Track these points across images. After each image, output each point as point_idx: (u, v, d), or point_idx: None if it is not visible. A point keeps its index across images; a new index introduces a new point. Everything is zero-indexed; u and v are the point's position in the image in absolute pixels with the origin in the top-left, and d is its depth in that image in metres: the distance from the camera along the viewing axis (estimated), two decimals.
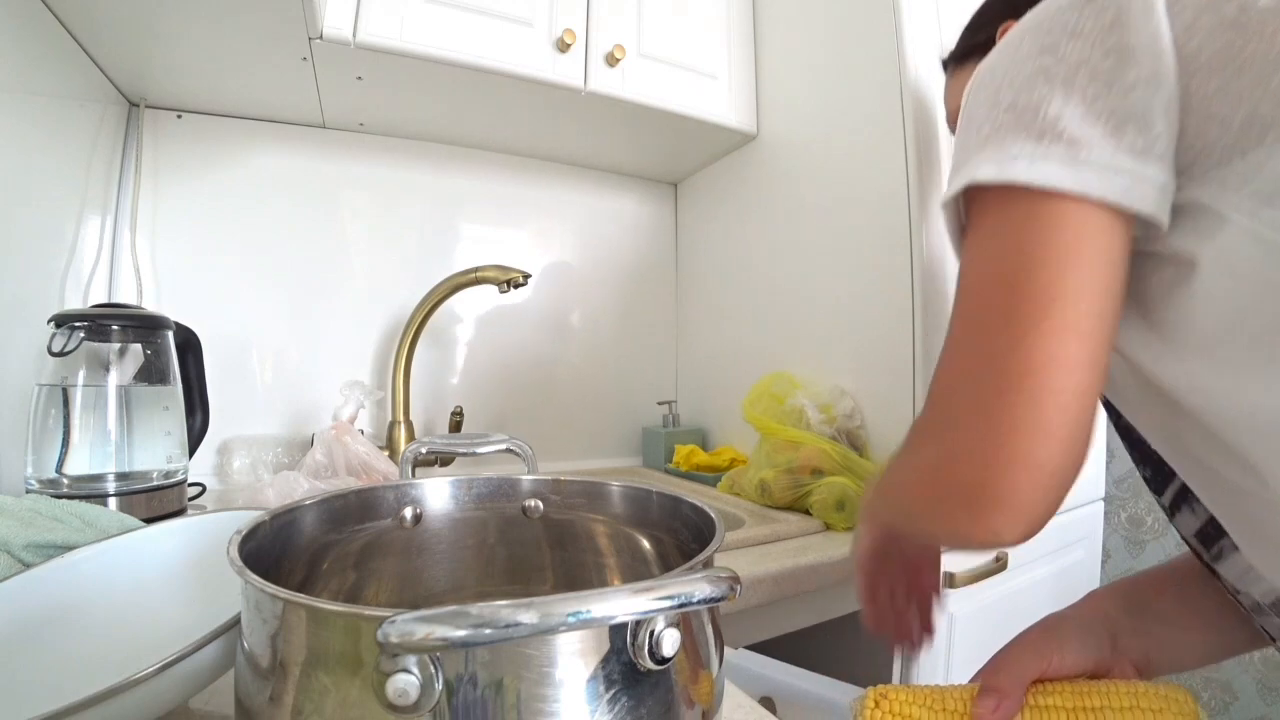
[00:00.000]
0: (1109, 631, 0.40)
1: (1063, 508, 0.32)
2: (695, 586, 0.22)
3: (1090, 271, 0.30)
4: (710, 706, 0.29)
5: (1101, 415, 0.36)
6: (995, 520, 0.30)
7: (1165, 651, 0.40)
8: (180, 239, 0.95)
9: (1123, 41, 0.31)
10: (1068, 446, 0.29)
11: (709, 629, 0.29)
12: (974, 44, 0.66)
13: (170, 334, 0.75)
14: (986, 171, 0.32)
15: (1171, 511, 0.40)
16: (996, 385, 0.30)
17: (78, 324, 0.66)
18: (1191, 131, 0.30)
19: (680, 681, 0.26)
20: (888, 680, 0.77)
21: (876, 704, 0.37)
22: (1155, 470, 0.41)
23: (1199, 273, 0.31)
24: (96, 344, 0.69)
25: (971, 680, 0.39)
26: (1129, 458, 0.45)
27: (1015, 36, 0.35)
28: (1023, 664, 0.37)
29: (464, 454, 0.50)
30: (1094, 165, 0.30)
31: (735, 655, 0.47)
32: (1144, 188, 0.30)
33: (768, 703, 0.46)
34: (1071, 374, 0.29)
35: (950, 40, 0.73)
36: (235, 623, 0.29)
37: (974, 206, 0.34)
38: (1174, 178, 0.31)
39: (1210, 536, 0.37)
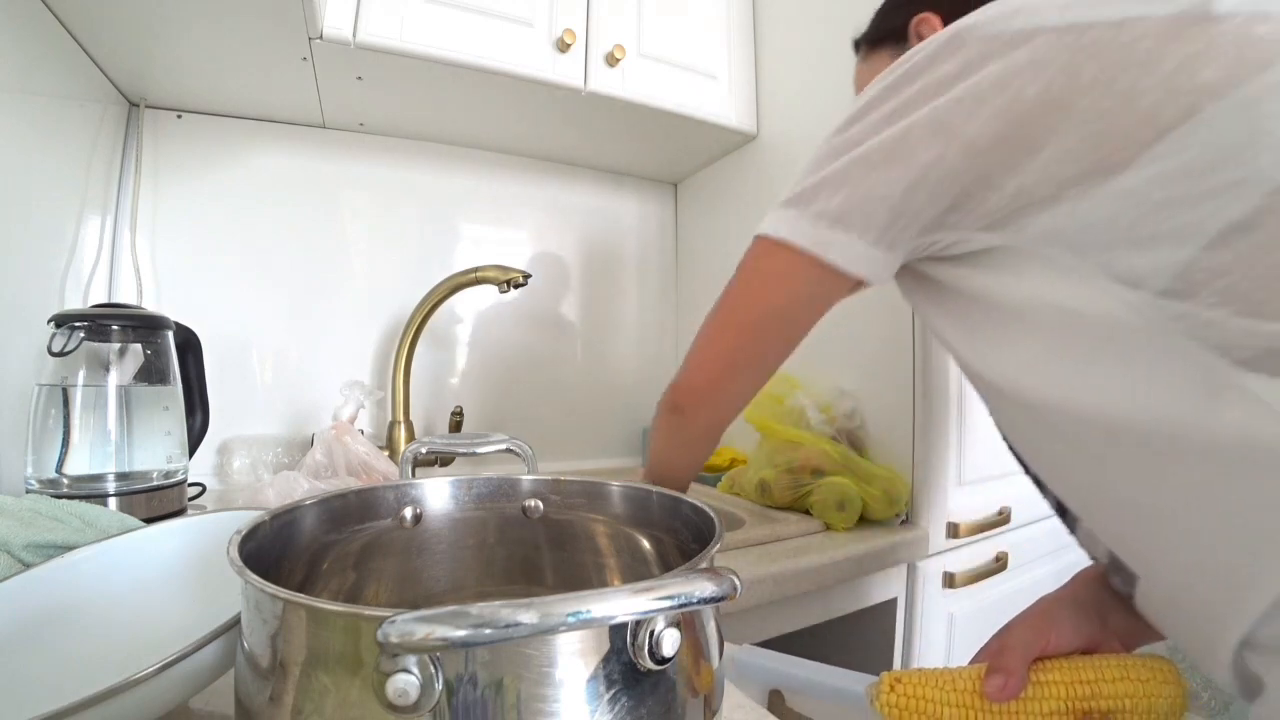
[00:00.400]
0: (1099, 611, 0.42)
1: None
2: (695, 586, 0.22)
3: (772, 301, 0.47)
4: (711, 706, 0.29)
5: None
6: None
7: (1150, 626, 0.42)
8: (180, 239, 0.95)
9: (895, 134, 0.39)
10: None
11: (709, 629, 0.29)
12: (888, 28, 0.65)
13: (170, 334, 0.75)
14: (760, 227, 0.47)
15: (1041, 491, 0.46)
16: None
17: (78, 324, 0.66)
18: (977, 196, 0.38)
19: (680, 681, 0.26)
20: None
21: (892, 687, 0.39)
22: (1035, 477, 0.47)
23: (1005, 296, 0.39)
24: (96, 344, 0.69)
25: (973, 661, 0.41)
26: None
27: (858, 99, 0.44)
28: (1025, 644, 0.40)
29: (464, 454, 0.50)
30: (801, 229, 0.43)
31: (741, 651, 0.47)
32: (844, 251, 0.42)
33: (777, 695, 0.46)
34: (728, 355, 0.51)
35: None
36: (235, 623, 0.29)
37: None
38: (891, 251, 0.41)
39: (1063, 510, 0.44)
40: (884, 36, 0.65)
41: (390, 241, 1.11)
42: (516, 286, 0.96)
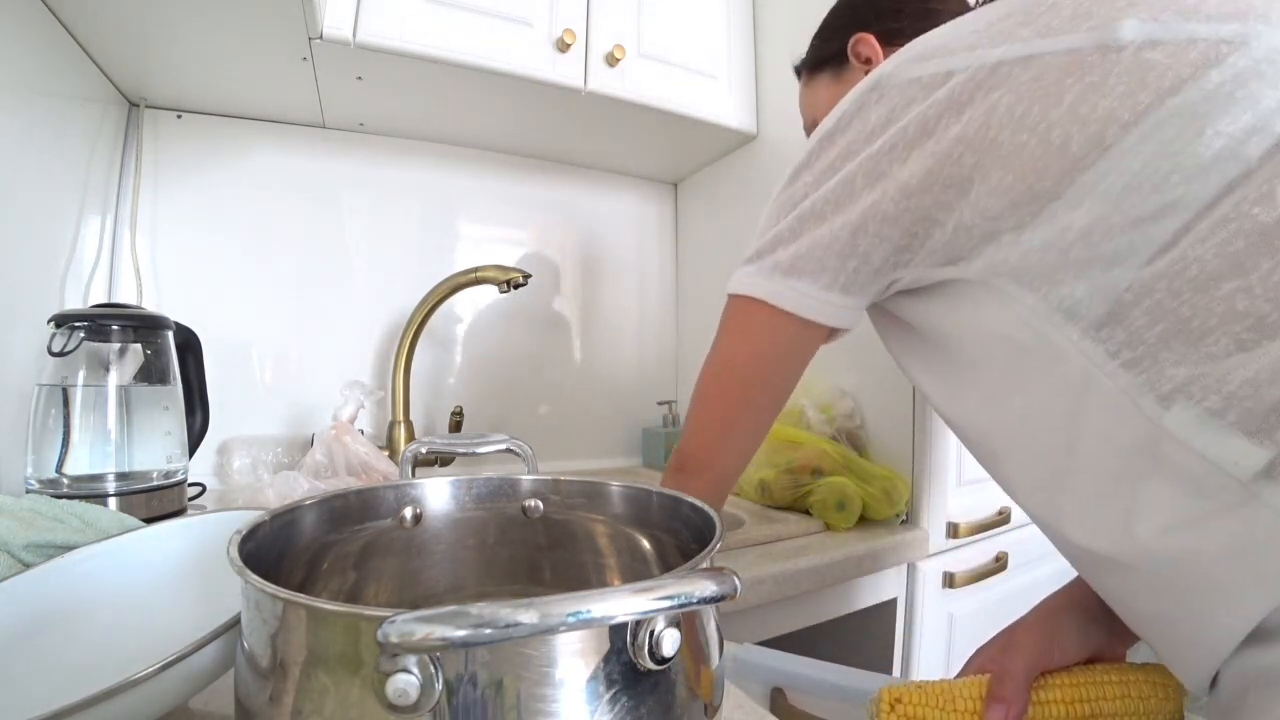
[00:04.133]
0: (1106, 614, 0.42)
1: None
2: (695, 586, 0.22)
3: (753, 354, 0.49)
4: (711, 706, 0.29)
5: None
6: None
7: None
8: (180, 239, 0.95)
9: (835, 184, 0.42)
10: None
11: (709, 629, 0.29)
12: (826, 54, 0.67)
13: (170, 334, 0.75)
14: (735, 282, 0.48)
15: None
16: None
17: (78, 324, 0.66)
18: (921, 235, 0.39)
19: (680, 681, 0.26)
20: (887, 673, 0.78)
21: (892, 707, 0.39)
22: None
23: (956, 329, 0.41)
24: (96, 344, 0.69)
25: (974, 661, 0.43)
26: None
27: (806, 147, 0.46)
28: (1027, 668, 0.40)
29: (464, 454, 0.50)
30: (760, 280, 0.45)
31: (742, 650, 0.47)
32: (801, 299, 0.44)
33: (779, 693, 0.46)
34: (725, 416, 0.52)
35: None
36: (235, 623, 0.29)
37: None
38: (848, 294, 0.43)
39: None
40: (823, 61, 0.67)
41: (390, 241, 1.11)
42: (516, 286, 0.96)
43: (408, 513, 0.43)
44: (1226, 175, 0.30)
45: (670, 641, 0.24)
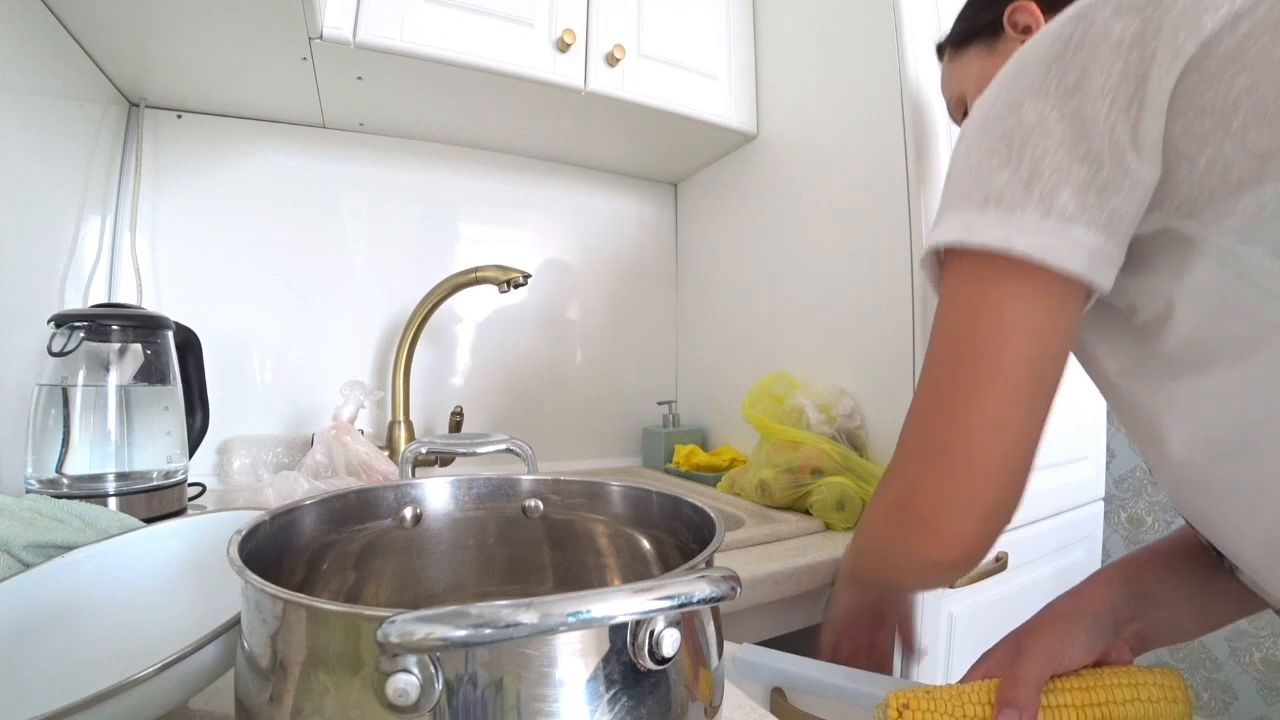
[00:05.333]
0: (1114, 621, 0.41)
1: (1063, 508, 0.35)
2: (695, 586, 0.22)
3: (1027, 342, 0.34)
4: (711, 706, 0.29)
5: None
6: (937, 549, 0.37)
7: (1160, 632, 0.42)
8: (180, 239, 0.95)
9: (1080, 109, 0.33)
10: (1003, 491, 0.36)
11: (709, 629, 0.29)
12: (978, 25, 0.62)
13: (170, 334, 0.75)
14: (940, 235, 0.37)
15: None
16: (945, 440, 0.37)
17: (78, 324, 0.66)
18: (1168, 172, 0.33)
19: (680, 681, 0.26)
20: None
21: (900, 713, 0.38)
22: None
23: (1175, 306, 0.34)
24: (96, 344, 0.69)
25: (982, 664, 0.42)
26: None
27: (1001, 80, 0.37)
28: (1038, 669, 0.38)
29: (464, 454, 0.50)
30: (1025, 230, 0.33)
31: (742, 650, 0.47)
32: (1073, 250, 0.33)
33: (779, 694, 0.46)
34: (1005, 433, 0.35)
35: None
36: (235, 623, 0.29)
37: (943, 265, 0.39)
38: (1116, 239, 0.34)
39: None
40: (974, 33, 0.63)
41: (390, 241, 1.11)
42: (516, 286, 0.96)
43: (408, 513, 0.43)
44: None
45: (670, 641, 0.24)
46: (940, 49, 0.70)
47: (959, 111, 0.69)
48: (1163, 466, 0.38)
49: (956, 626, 0.82)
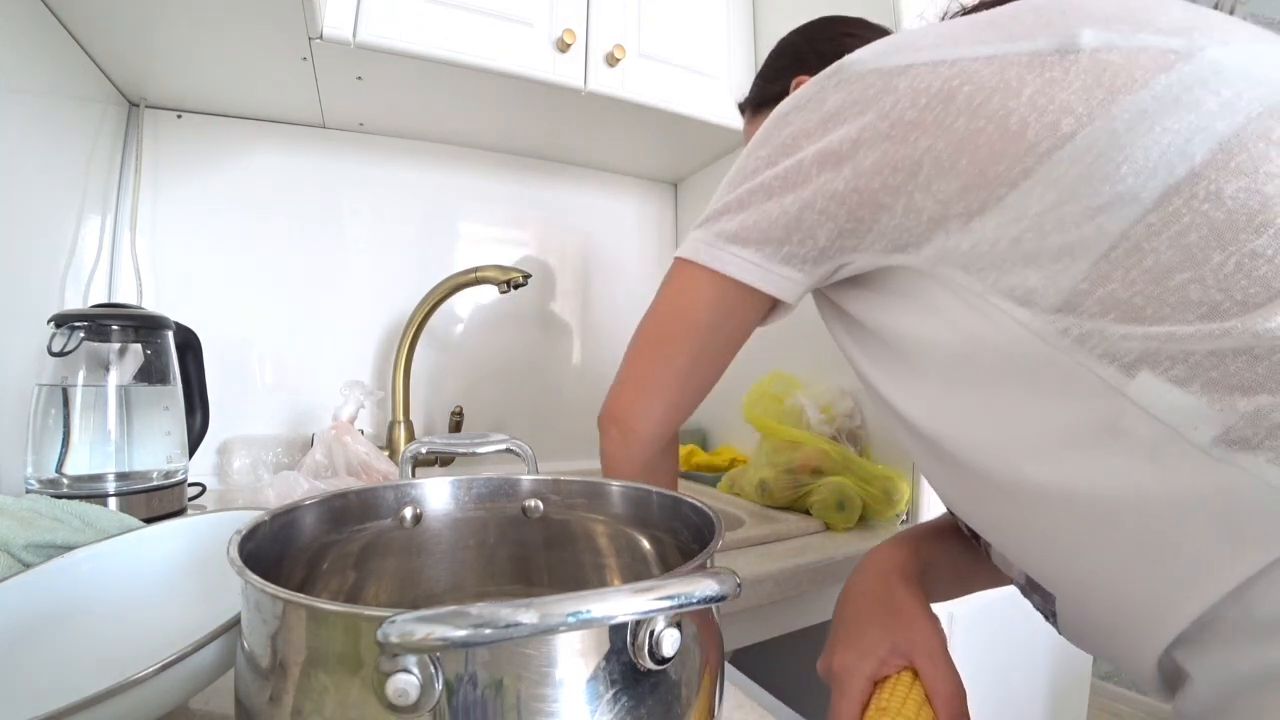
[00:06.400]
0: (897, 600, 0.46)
1: None
2: (695, 586, 0.22)
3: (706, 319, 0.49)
4: (711, 706, 0.29)
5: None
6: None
7: (931, 598, 0.48)
8: (180, 239, 0.95)
9: (789, 164, 0.42)
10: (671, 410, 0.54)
11: (709, 629, 0.29)
12: (769, 94, 0.68)
13: (170, 334, 0.75)
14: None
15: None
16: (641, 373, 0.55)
17: (78, 324, 0.66)
18: (868, 219, 0.40)
19: (680, 681, 0.26)
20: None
21: None
22: None
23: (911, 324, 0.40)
24: (96, 344, 0.69)
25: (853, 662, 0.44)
26: None
27: (765, 125, 0.46)
28: (866, 685, 0.42)
29: (464, 454, 0.50)
30: (733, 261, 0.45)
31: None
32: (739, 265, 0.45)
33: None
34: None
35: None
36: (235, 623, 0.29)
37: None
38: (788, 266, 0.43)
39: (976, 535, 0.46)
40: (767, 100, 0.69)
41: (390, 241, 1.11)
42: (516, 286, 0.96)
43: (408, 513, 0.43)
44: (1174, 171, 0.31)
45: (670, 641, 0.24)
46: (742, 108, 0.76)
47: None
48: (916, 453, 0.45)
49: (956, 626, 0.82)
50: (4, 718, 0.31)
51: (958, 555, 0.51)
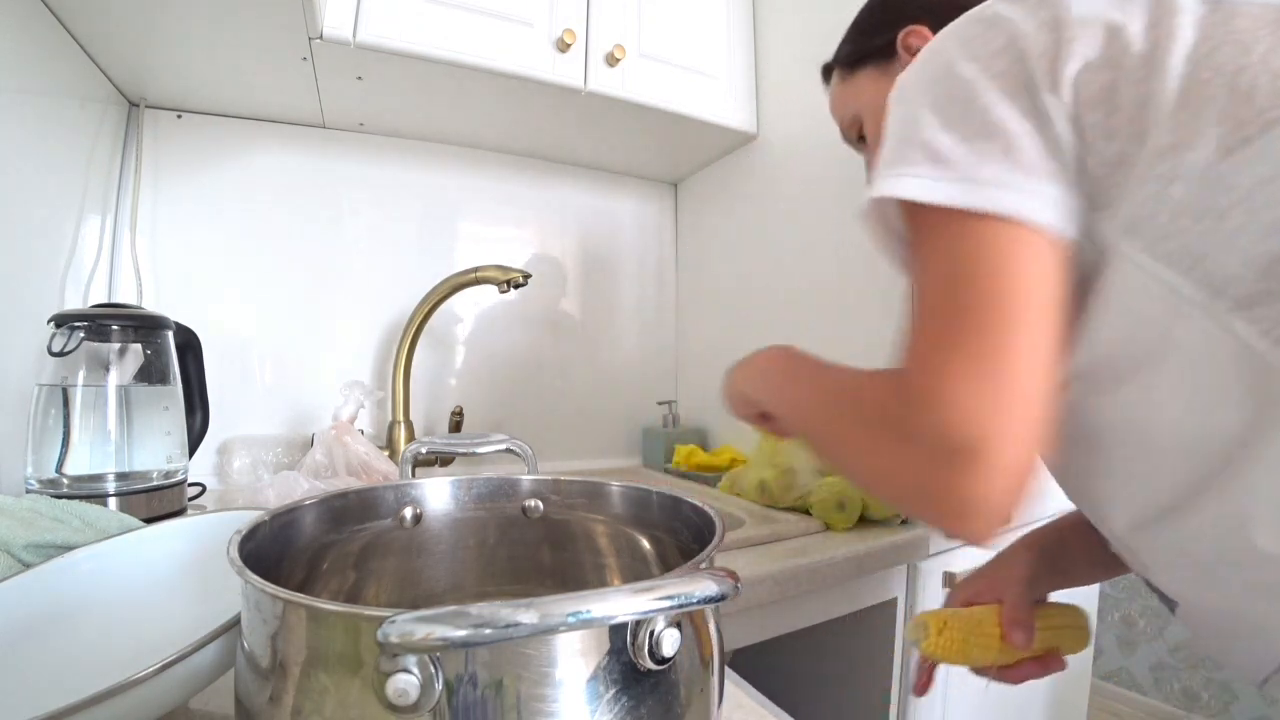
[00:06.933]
0: (1049, 565, 0.56)
1: (1063, 505, 0.36)
2: (695, 586, 0.22)
3: (1024, 284, 0.33)
4: (710, 706, 0.29)
5: None
6: (985, 487, 0.31)
7: (1065, 582, 0.57)
8: (180, 239, 0.95)
9: (1013, 71, 0.35)
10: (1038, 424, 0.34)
11: (709, 629, 0.29)
12: (870, 48, 0.63)
13: (170, 334, 0.75)
14: (908, 190, 0.36)
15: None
16: (993, 369, 0.32)
17: (78, 324, 0.66)
18: (1080, 161, 0.34)
19: (680, 681, 0.26)
20: (888, 679, 0.78)
21: (940, 631, 0.52)
22: None
23: (1097, 298, 0.35)
24: (96, 344, 0.69)
25: (956, 596, 0.57)
26: None
27: (927, 54, 0.40)
28: (1026, 600, 0.53)
29: (464, 454, 0.50)
30: (983, 183, 0.34)
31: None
32: (1034, 202, 0.33)
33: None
34: (1043, 360, 0.33)
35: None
36: (235, 623, 0.29)
37: (913, 220, 0.38)
38: (1072, 195, 0.34)
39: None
40: (866, 56, 0.64)
41: (390, 241, 1.11)
42: (516, 286, 0.96)
43: (408, 513, 0.43)
44: None
45: (670, 641, 0.24)
46: (827, 70, 0.70)
47: (852, 131, 0.69)
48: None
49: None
50: (4, 718, 0.31)
51: (1093, 542, 0.50)
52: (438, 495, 0.44)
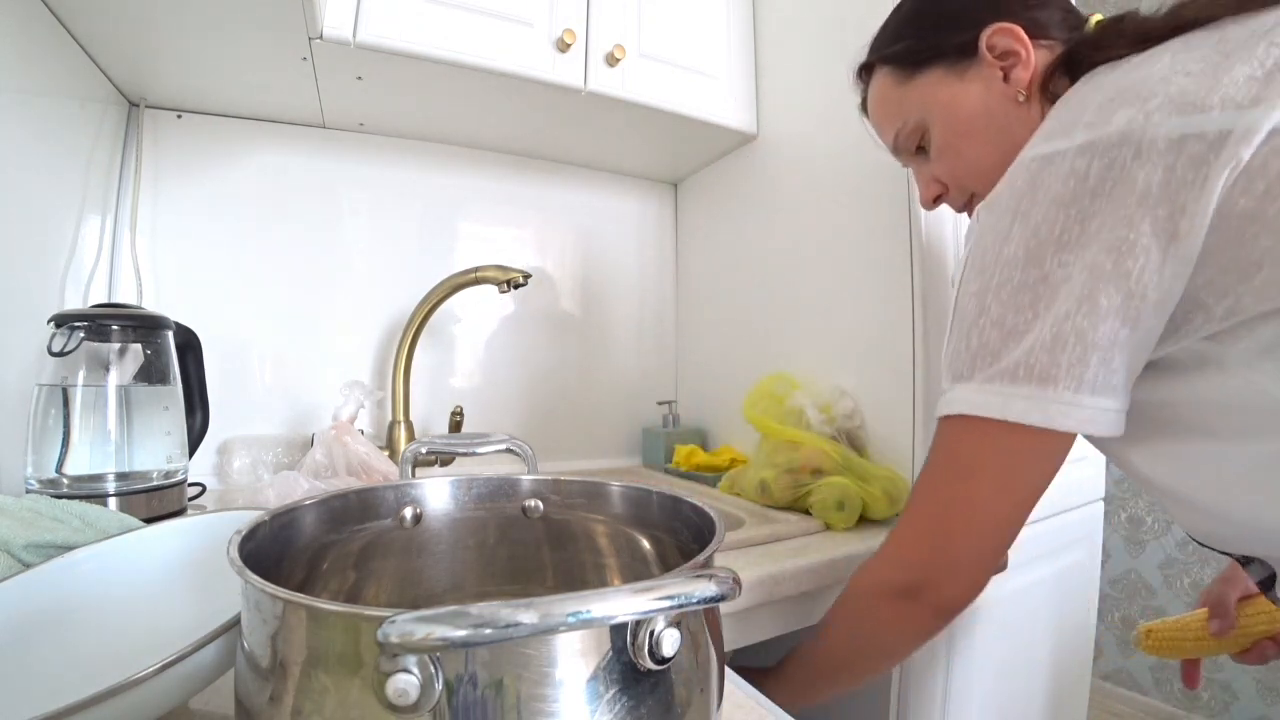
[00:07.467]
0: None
1: (1063, 508, 0.39)
2: (695, 586, 0.22)
3: (1036, 476, 0.42)
4: (710, 706, 0.29)
5: None
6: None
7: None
8: (180, 239, 0.95)
9: (1102, 261, 0.35)
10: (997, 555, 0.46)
11: (709, 629, 0.29)
12: (943, 45, 0.53)
13: (170, 334, 0.75)
14: (975, 407, 0.40)
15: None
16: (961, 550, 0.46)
17: (78, 324, 0.66)
18: (1181, 313, 0.36)
19: (680, 681, 0.26)
20: (888, 679, 0.78)
21: (1148, 634, 0.67)
22: None
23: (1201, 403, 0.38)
24: (96, 344, 0.69)
25: (1202, 602, 0.66)
26: None
27: (1009, 213, 0.39)
28: (1232, 597, 0.62)
29: (464, 454, 0.50)
30: (1059, 404, 0.37)
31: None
32: (1102, 417, 0.37)
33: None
34: (1011, 529, 0.44)
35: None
36: (235, 623, 0.29)
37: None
38: (1126, 394, 0.38)
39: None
40: (937, 54, 0.54)
41: (390, 241, 1.11)
42: (516, 286, 0.96)
43: (408, 513, 0.43)
44: None
45: (670, 641, 0.24)
46: (867, 68, 0.61)
47: (911, 141, 0.59)
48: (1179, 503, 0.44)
49: (956, 626, 0.82)
50: (4, 718, 0.31)
51: None
52: (438, 495, 0.44)
